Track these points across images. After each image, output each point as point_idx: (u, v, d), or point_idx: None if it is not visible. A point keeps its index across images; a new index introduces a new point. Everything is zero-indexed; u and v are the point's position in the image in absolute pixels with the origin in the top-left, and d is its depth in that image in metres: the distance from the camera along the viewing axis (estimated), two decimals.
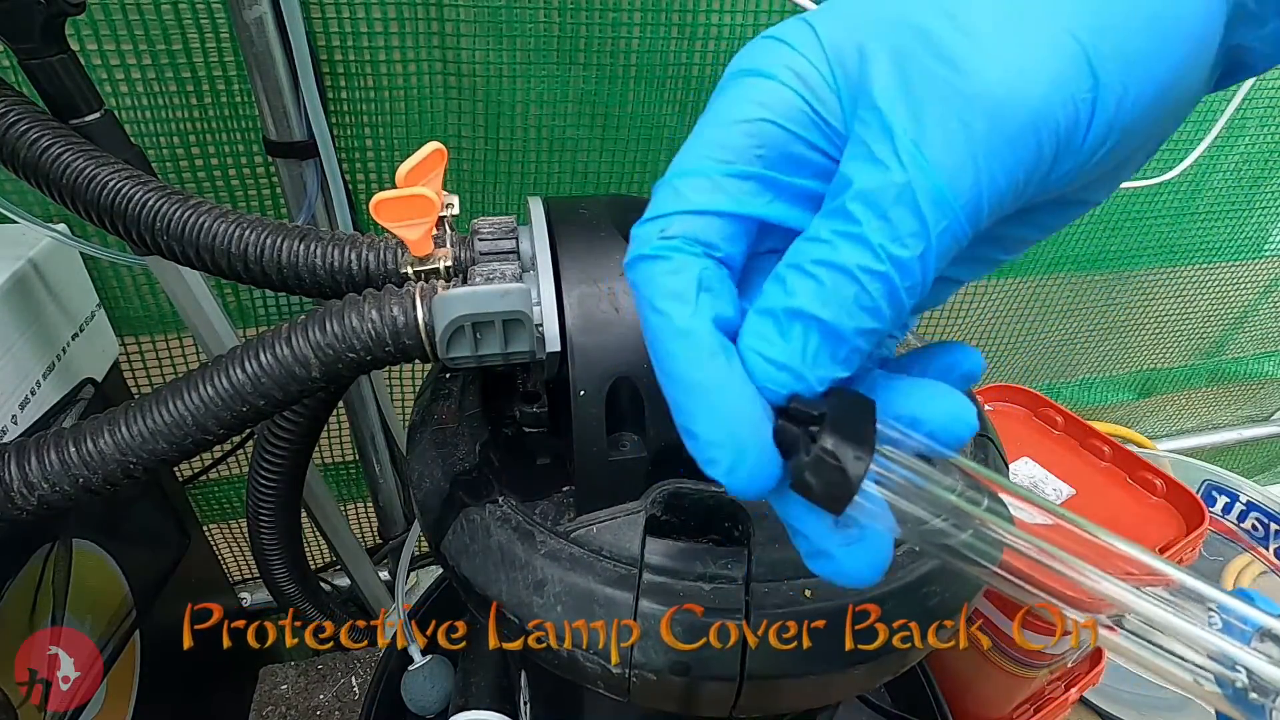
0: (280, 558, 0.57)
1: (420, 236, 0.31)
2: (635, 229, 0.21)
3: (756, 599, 0.30)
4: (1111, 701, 0.87)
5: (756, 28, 0.70)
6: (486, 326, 0.29)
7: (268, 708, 0.88)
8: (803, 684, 0.31)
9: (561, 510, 0.33)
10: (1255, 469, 1.62)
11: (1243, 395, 1.46)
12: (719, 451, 0.19)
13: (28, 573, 0.54)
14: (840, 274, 0.18)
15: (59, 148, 0.38)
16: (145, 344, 0.76)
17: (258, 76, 0.61)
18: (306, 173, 0.67)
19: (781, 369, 0.19)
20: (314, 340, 0.29)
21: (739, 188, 0.20)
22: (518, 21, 0.66)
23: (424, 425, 0.40)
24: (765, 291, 0.19)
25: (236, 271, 0.36)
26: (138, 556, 0.69)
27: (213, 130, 0.67)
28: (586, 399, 0.30)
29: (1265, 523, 1.01)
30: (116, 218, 0.37)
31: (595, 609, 0.30)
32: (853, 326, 0.18)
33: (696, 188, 0.20)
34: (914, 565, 0.32)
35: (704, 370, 0.19)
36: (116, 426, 0.29)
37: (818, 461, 0.18)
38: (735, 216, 0.20)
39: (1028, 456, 0.75)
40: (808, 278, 0.18)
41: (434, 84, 0.68)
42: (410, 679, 0.61)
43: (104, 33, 0.59)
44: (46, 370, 0.57)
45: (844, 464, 0.18)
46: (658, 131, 0.75)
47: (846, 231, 0.18)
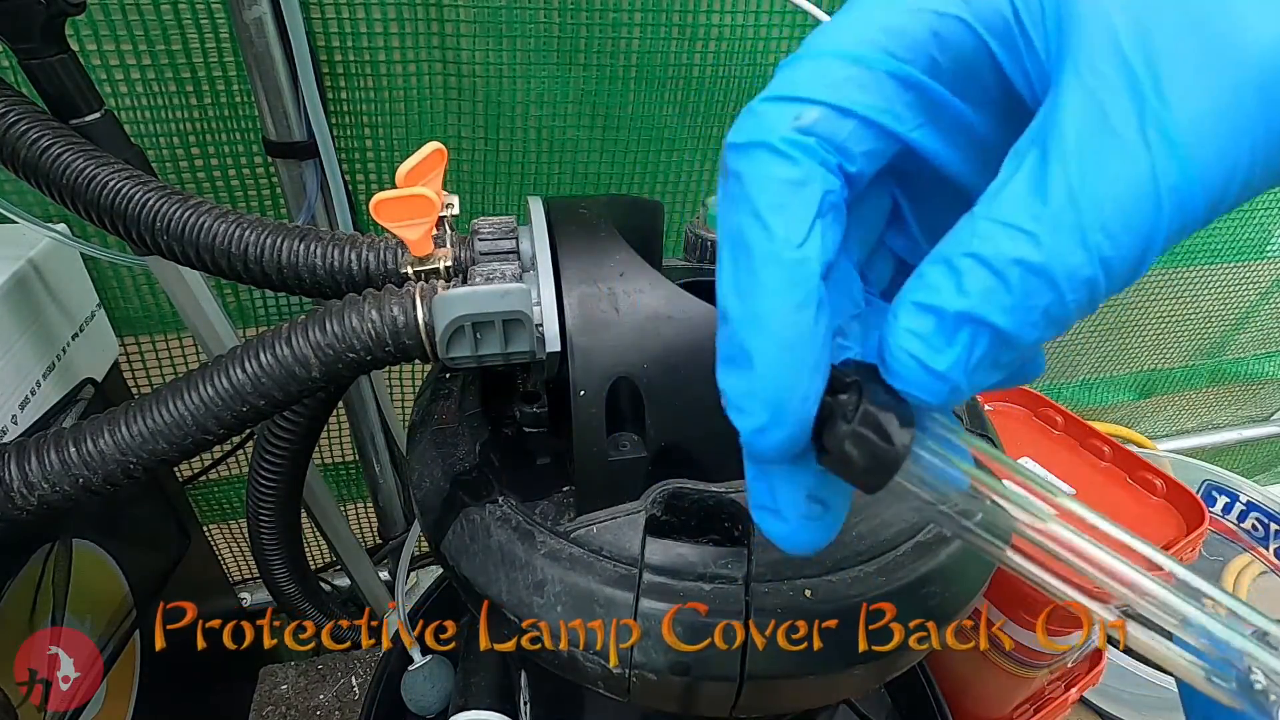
0: (280, 558, 0.57)
1: (420, 236, 0.31)
2: (760, 102, 0.17)
3: (757, 599, 0.30)
4: (1111, 701, 0.87)
5: (757, 28, 0.70)
6: (486, 326, 0.29)
7: (268, 708, 0.88)
8: (803, 684, 0.31)
9: (561, 510, 0.33)
10: (1255, 469, 1.62)
11: (1243, 395, 1.46)
12: (757, 407, 0.17)
13: (28, 573, 0.54)
14: (1038, 279, 0.14)
15: (59, 148, 0.38)
16: (145, 344, 0.76)
17: (258, 76, 0.61)
18: (306, 173, 0.67)
19: (939, 380, 0.16)
20: (314, 340, 0.29)
21: (901, 96, 0.16)
22: (518, 22, 0.66)
23: (424, 425, 0.40)
24: (928, 279, 0.16)
25: (236, 271, 0.36)
26: (138, 556, 0.69)
27: (213, 130, 0.67)
28: (586, 399, 0.30)
29: (1265, 523, 1.01)
30: (116, 218, 0.37)
31: (595, 609, 0.30)
32: (1033, 338, 0.15)
33: (852, 78, 0.16)
34: (914, 565, 0.32)
35: (785, 319, 0.16)
36: (116, 426, 0.29)
37: (859, 435, 0.16)
38: (885, 132, 0.16)
39: (1028, 456, 0.74)
40: (993, 275, 0.15)
41: (434, 84, 0.68)
42: (410, 679, 0.60)
43: (104, 33, 0.59)
44: (46, 370, 0.57)
45: (891, 437, 0.16)
46: (658, 132, 0.75)
47: (1057, 221, 0.14)
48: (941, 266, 0.15)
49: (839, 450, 0.17)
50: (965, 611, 0.34)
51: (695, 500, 0.32)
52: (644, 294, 0.30)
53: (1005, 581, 0.60)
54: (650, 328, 0.30)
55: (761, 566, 0.31)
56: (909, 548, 0.33)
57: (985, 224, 0.15)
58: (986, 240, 0.15)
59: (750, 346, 0.16)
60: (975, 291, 0.15)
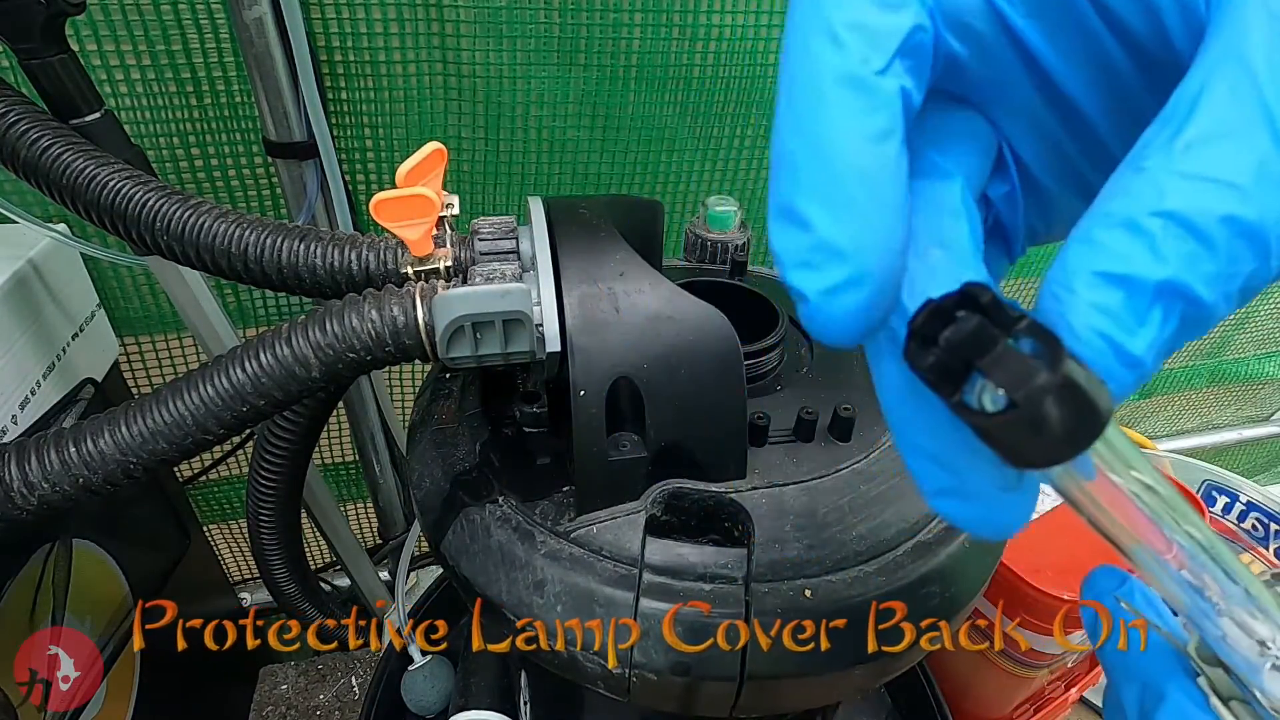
0: (280, 558, 0.57)
1: (420, 236, 0.31)
2: None
3: (757, 599, 0.30)
4: None
5: (758, 29, 0.70)
6: (486, 326, 0.29)
7: (268, 708, 0.88)
8: (803, 684, 0.31)
9: (561, 510, 0.33)
10: (1255, 469, 1.61)
11: (1243, 395, 1.46)
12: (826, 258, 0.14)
13: (28, 573, 0.54)
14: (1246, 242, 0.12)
15: (59, 148, 0.38)
16: (145, 344, 0.76)
17: (258, 76, 0.61)
18: (306, 173, 0.67)
19: (1133, 367, 0.13)
20: (314, 340, 0.29)
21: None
22: (518, 22, 0.65)
23: (424, 425, 0.40)
24: (1107, 245, 0.13)
25: (236, 271, 0.36)
26: (138, 556, 0.69)
27: (213, 130, 0.67)
28: (586, 399, 0.30)
29: (1265, 523, 1.01)
30: (116, 218, 0.37)
31: (595, 609, 0.30)
32: (1225, 314, 0.13)
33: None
34: (914, 565, 0.32)
35: (862, 147, 0.14)
36: (116, 426, 0.29)
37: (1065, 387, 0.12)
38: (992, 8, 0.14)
39: None
40: (1195, 238, 0.12)
41: (434, 84, 0.68)
42: (410, 679, 0.60)
43: (104, 33, 0.59)
44: (46, 370, 0.57)
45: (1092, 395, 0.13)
46: (658, 133, 0.75)
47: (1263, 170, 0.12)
48: (1121, 230, 0.13)
49: (1037, 409, 0.12)
50: (965, 611, 0.34)
51: (695, 500, 0.32)
52: (644, 294, 0.30)
53: (1009, 583, 0.60)
54: (650, 328, 0.30)
55: (761, 566, 0.31)
56: (909, 548, 0.33)
57: (1173, 178, 0.13)
58: (1182, 195, 0.12)
59: (817, 183, 0.14)
60: (1176, 257, 0.12)
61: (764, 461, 0.34)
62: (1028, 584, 0.59)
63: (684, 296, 0.30)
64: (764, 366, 0.38)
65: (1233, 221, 0.12)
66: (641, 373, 0.30)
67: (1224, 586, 0.17)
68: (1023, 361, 0.13)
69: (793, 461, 0.34)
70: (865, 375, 0.39)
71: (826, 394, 0.38)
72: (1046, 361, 0.12)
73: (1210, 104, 0.13)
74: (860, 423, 0.35)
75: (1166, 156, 0.13)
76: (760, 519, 0.32)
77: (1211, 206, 0.12)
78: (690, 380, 0.30)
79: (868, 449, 0.35)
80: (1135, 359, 0.13)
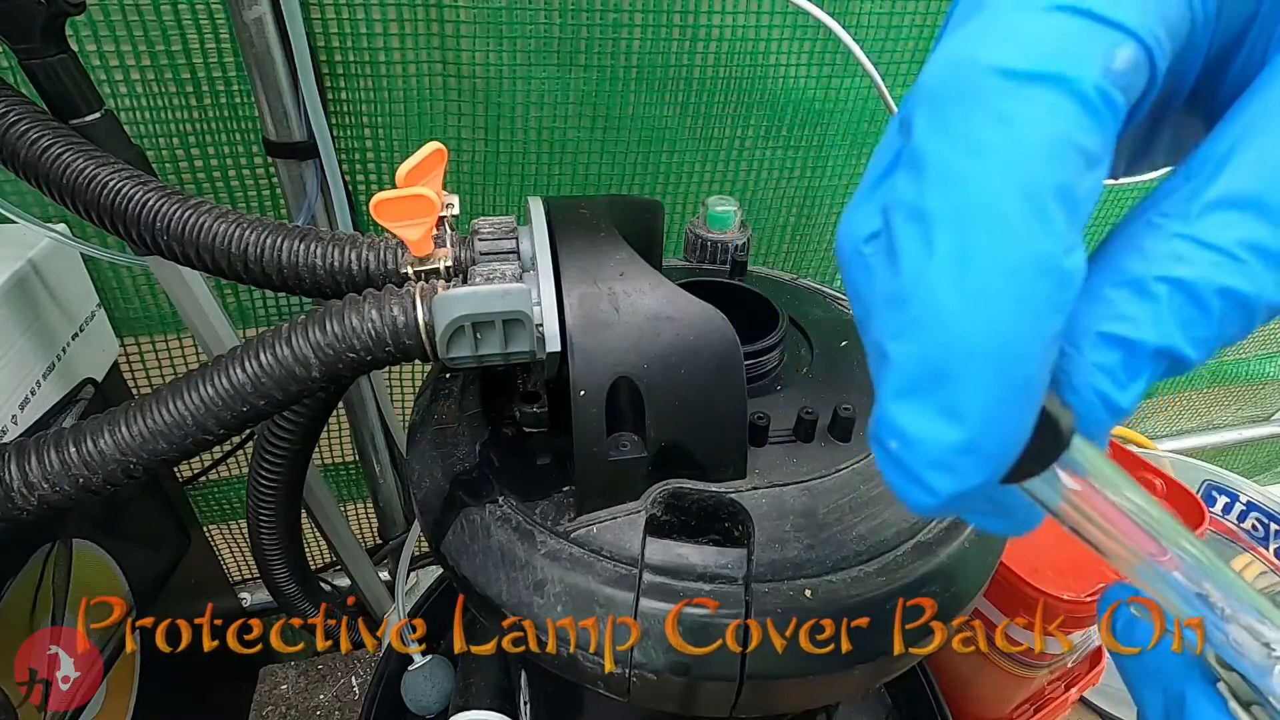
0: (280, 558, 0.57)
1: (420, 236, 0.31)
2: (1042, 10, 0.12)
3: (757, 599, 0.30)
4: (1111, 701, 0.87)
5: (758, 29, 0.70)
6: (487, 326, 0.29)
7: (268, 708, 0.88)
8: (803, 684, 0.31)
9: (561, 510, 0.33)
10: (1255, 469, 1.61)
11: (1243, 395, 1.46)
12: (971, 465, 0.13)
13: (28, 573, 0.54)
14: (1239, 310, 0.13)
15: (59, 148, 0.38)
16: (145, 344, 0.76)
17: (258, 77, 0.61)
18: (306, 173, 0.67)
19: (1117, 414, 0.14)
20: (314, 340, 0.29)
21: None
22: (518, 22, 0.65)
23: (424, 425, 0.40)
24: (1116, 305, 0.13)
25: (236, 271, 0.36)
26: (138, 556, 0.69)
27: (213, 130, 0.67)
28: (586, 399, 0.30)
29: (1265, 523, 1.01)
30: (116, 218, 0.37)
31: (595, 609, 0.30)
32: (1200, 363, 0.14)
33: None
34: (914, 565, 0.32)
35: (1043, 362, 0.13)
36: (116, 426, 0.29)
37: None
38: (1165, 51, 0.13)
39: None
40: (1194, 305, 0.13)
41: (434, 84, 0.68)
42: (410, 679, 0.60)
43: (104, 33, 0.59)
44: (46, 370, 0.57)
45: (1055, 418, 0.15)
46: (658, 134, 0.75)
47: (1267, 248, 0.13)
48: (1129, 290, 0.13)
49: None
50: (965, 612, 0.34)
51: (695, 500, 0.32)
52: (644, 294, 0.30)
53: (1009, 583, 0.60)
54: (650, 328, 0.30)
55: (761, 566, 0.31)
56: (909, 548, 0.33)
57: (1185, 244, 0.13)
58: (1190, 264, 0.13)
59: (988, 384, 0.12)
60: (1174, 324, 0.13)
61: (764, 461, 0.34)
62: (1028, 584, 0.59)
63: (684, 296, 0.30)
64: (764, 366, 0.38)
65: (1230, 294, 0.13)
66: (642, 373, 0.30)
67: (1225, 593, 0.17)
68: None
69: (793, 461, 0.34)
70: (865, 375, 0.39)
71: (827, 394, 0.38)
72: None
73: (1235, 170, 0.13)
74: (860, 423, 0.35)
75: (1184, 218, 0.13)
76: (760, 519, 0.32)
77: (1214, 277, 0.13)
78: (690, 380, 0.30)
79: (868, 449, 0.35)
80: (1122, 410, 0.14)
